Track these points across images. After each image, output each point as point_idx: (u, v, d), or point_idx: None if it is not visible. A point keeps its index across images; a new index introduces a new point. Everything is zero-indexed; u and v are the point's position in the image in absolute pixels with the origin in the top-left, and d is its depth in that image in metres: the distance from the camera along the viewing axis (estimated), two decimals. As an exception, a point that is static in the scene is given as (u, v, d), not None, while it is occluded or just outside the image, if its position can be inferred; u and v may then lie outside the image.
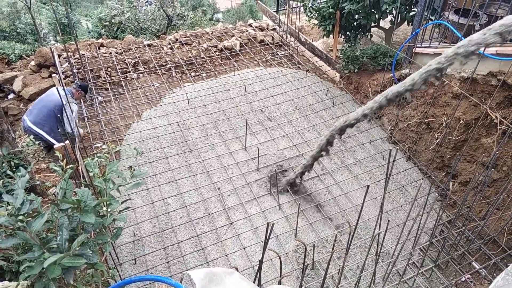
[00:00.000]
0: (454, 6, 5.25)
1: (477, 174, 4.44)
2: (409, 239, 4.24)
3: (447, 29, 5.11)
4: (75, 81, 5.87)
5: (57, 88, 4.91)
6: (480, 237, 4.38)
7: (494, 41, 2.80)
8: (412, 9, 5.93)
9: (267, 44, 7.79)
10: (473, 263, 4.26)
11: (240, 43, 7.69)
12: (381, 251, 3.60)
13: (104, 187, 1.96)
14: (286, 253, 4.25)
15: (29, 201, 1.70)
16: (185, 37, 7.85)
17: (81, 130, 5.45)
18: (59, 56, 6.94)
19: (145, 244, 4.29)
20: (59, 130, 4.76)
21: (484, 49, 4.06)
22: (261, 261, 2.04)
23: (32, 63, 6.85)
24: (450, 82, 4.89)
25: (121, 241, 4.27)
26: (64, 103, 4.66)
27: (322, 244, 4.39)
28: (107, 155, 2.10)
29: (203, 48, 7.49)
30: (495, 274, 4.12)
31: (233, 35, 7.92)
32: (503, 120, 4.33)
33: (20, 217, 1.57)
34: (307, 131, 5.85)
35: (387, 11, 5.80)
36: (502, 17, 2.85)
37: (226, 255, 4.20)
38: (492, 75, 4.42)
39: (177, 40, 7.77)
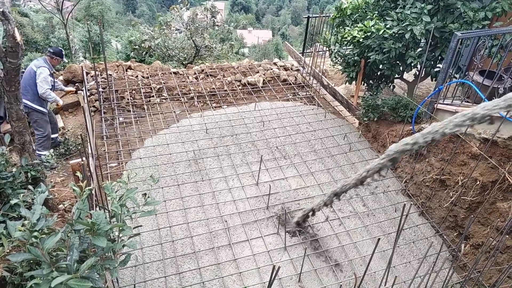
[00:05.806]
0: (479, 67, 5.29)
1: (490, 238, 4.32)
2: (415, 298, 4.10)
3: (471, 89, 5.14)
4: (48, 49, 5.89)
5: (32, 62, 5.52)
6: (489, 305, 4.21)
7: None
8: (437, 65, 5.99)
9: (290, 84, 7.92)
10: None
11: (263, 80, 7.83)
12: (386, 307, 3.48)
13: (120, 212, 1.96)
14: (288, 297, 4.14)
15: (44, 218, 1.72)
16: (211, 69, 8.04)
17: (59, 101, 5.79)
18: (87, 73, 7.15)
19: (146, 270, 4.24)
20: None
21: (507, 113, 4.06)
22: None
23: (61, 77, 7.07)
24: (470, 142, 4.86)
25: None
26: (35, 69, 5.30)
27: (325, 292, 4.27)
28: (126, 180, 2.12)
29: (227, 81, 7.64)
30: None
31: (257, 72, 8.08)
32: (521, 186, 4.26)
33: (35, 233, 1.58)
34: (321, 173, 5.82)
35: (412, 65, 5.88)
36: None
37: (226, 292, 4.11)
38: (513, 139, 4.39)
39: (203, 70, 7.95)
